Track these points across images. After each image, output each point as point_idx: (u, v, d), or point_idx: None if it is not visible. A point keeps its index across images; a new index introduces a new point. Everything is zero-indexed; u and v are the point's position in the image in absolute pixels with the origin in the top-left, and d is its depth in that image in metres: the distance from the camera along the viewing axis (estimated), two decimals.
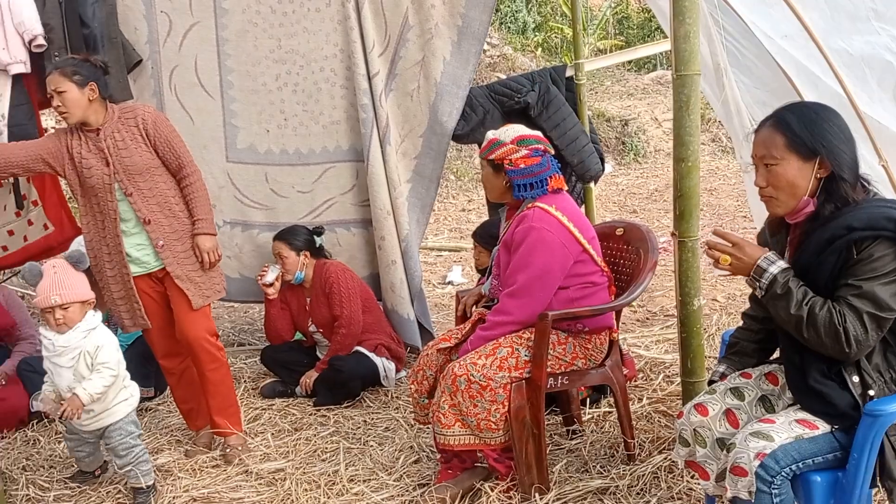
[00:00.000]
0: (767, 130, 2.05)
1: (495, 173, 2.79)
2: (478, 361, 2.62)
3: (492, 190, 2.87)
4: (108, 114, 3.11)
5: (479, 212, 9.26)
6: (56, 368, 2.90)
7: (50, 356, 2.90)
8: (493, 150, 2.77)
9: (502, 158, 2.74)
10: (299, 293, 4.14)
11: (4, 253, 4.52)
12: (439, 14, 3.95)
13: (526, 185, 2.73)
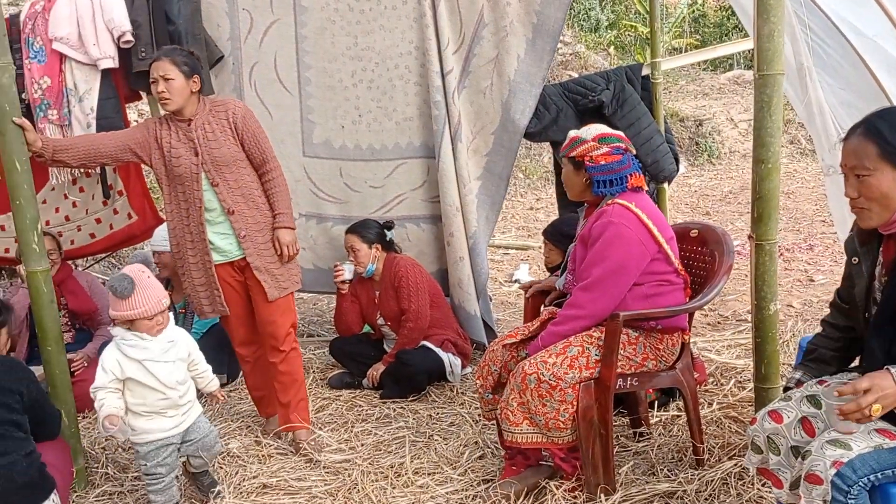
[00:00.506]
0: (858, 139, 1.96)
1: (576, 170, 2.80)
2: (548, 360, 2.62)
3: (572, 187, 2.86)
4: (200, 106, 3.22)
5: (548, 210, 9.22)
6: (160, 368, 2.78)
7: (150, 359, 2.77)
8: (574, 148, 2.78)
9: (583, 155, 2.74)
10: (369, 286, 4.20)
11: (92, 240, 4.72)
12: (514, 12, 3.95)
13: (605, 181, 2.73)
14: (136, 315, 2.73)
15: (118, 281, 2.72)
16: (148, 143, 3.21)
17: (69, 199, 4.62)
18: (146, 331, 2.76)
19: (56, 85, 4.10)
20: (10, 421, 2.61)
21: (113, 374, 2.74)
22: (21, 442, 2.63)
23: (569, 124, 4.12)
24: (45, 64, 4.09)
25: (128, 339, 2.76)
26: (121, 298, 2.71)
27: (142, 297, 2.72)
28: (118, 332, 2.79)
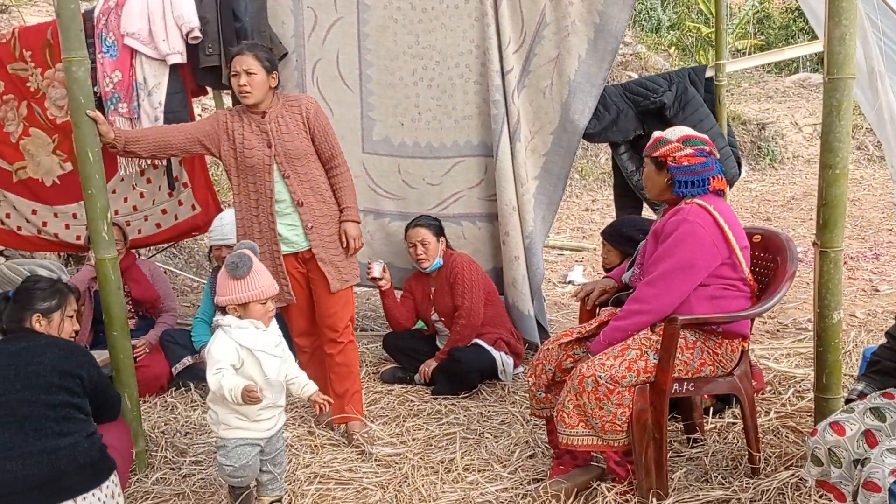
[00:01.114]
0: None
1: (657, 170, 2.79)
2: (606, 362, 2.61)
3: (653, 187, 2.85)
4: (275, 100, 3.32)
5: (603, 212, 9.14)
6: (271, 361, 2.68)
7: (263, 349, 2.67)
8: (657, 148, 2.77)
9: (666, 156, 2.74)
10: (424, 282, 4.23)
11: (157, 230, 4.86)
12: (577, 11, 3.93)
13: (687, 182, 2.72)
14: (251, 297, 2.62)
15: (240, 258, 2.61)
16: (217, 134, 3.30)
17: (137, 190, 4.77)
18: (259, 317, 2.67)
19: (126, 79, 4.23)
20: (71, 404, 2.70)
21: (229, 359, 2.62)
22: (83, 424, 2.72)
23: (629, 125, 4.10)
24: (116, 58, 4.22)
25: (243, 326, 2.65)
26: (237, 279, 2.62)
27: (257, 278, 2.64)
28: (230, 320, 2.67)
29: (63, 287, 2.99)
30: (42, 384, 2.64)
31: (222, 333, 2.66)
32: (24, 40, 4.48)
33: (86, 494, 2.61)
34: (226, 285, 2.64)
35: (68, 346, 2.82)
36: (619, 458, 2.75)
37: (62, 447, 2.60)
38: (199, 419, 3.88)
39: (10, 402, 2.60)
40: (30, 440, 2.58)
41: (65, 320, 2.93)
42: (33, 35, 4.48)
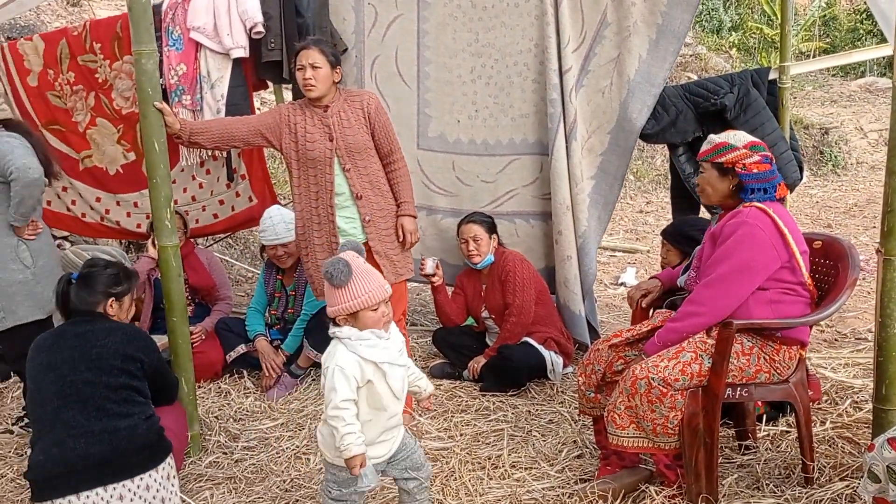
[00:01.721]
0: None
1: (721, 176, 2.74)
2: (659, 364, 2.59)
3: (714, 193, 2.79)
4: (337, 94, 3.38)
5: (658, 214, 9.03)
6: (396, 373, 2.41)
7: (389, 360, 2.39)
8: (722, 154, 2.72)
9: (734, 162, 2.69)
10: (476, 279, 4.24)
11: (215, 220, 4.97)
12: (639, 11, 3.90)
13: (757, 189, 2.68)
14: (358, 305, 2.34)
15: (333, 266, 2.33)
16: (279, 127, 3.37)
17: (196, 181, 4.88)
18: (373, 325, 2.38)
19: (191, 72, 4.33)
20: (131, 386, 2.78)
21: (355, 379, 2.33)
22: (142, 406, 2.81)
23: (688, 127, 4.05)
24: (182, 52, 4.32)
25: (365, 338, 2.35)
26: (338, 287, 2.34)
27: (362, 283, 2.35)
28: (348, 331, 2.37)
29: (132, 272, 3.09)
30: (105, 366, 2.74)
31: (343, 349, 2.37)
32: (94, 33, 4.62)
33: (142, 475, 2.69)
34: (330, 294, 2.39)
35: (131, 330, 2.91)
36: (669, 461, 2.73)
37: (122, 428, 2.69)
38: (252, 406, 3.97)
39: (76, 382, 2.70)
40: (92, 420, 2.68)
41: (133, 304, 3.04)
42: (104, 28, 4.63)
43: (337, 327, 2.40)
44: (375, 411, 2.39)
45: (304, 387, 4.17)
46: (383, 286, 2.39)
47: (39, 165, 3.36)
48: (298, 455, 3.38)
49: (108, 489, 2.64)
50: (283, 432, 3.61)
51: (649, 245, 7.66)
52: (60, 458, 2.63)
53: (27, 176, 3.28)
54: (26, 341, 3.41)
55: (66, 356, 2.75)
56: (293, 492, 3.06)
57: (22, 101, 4.87)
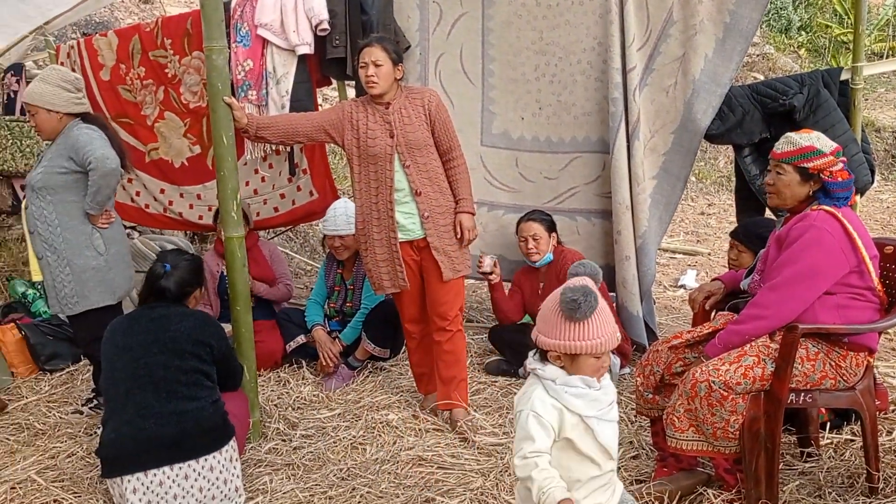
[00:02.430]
0: None
1: (803, 181, 2.66)
2: (720, 368, 2.55)
3: (791, 196, 2.70)
4: (399, 92, 3.41)
5: (720, 216, 8.88)
6: (606, 428, 2.03)
7: (598, 416, 2.01)
8: (809, 159, 2.63)
9: (821, 169, 2.61)
10: (533, 277, 4.24)
11: (275, 213, 5.06)
12: (706, 10, 3.84)
13: (840, 197, 2.63)
14: (586, 348, 1.96)
15: (583, 295, 1.92)
16: (341, 124, 3.42)
17: (258, 174, 4.98)
18: (591, 373, 2.01)
19: (257, 68, 4.43)
20: (200, 370, 2.88)
21: (553, 430, 1.97)
22: (209, 390, 2.91)
23: (754, 128, 3.96)
24: (249, 48, 4.43)
25: (572, 385, 1.99)
26: (573, 319, 1.95)
27: (599, 323, 1.96)
28: (553, 372, 2.01)
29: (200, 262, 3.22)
30: (177, 350, 2.84)
31: (542, 393, 2.01)
32: (166, 29, 4.76)
33: (207, 456, 2.78)
34: (555, 325, 1.98)
35: (203, 316, 3.01)
36: (728, 465, 2.70)
37: (189, 410, 2.79)
38: (310, 395, 4.04)
39: (149, 364, 2.81)
40: (162, 401, 2.78)
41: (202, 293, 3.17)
42: (174, 24, 4.76)
43: (540, 363, 2.04)
44: (572, 461, 2.01)
45: (361, 378, 4.23)
46: (616, 333, 2.00)
47: (116, 156, 3.48)
48: (355, 445, 3.43)
49: (174, 468, 2.74)
50: (340, 422, 3.67)
51: (710, 248, 7.53)
52: (130, 437, 2.74)
53: (105, 166, 3.40)
54: (96, 326, 3.56)
55: (141, 339, 2.86)
56: (349, 480, 3.11)
57: (94, 95, 5.04)
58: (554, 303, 1.99)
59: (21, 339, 4.61)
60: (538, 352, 2.05)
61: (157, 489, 2.74)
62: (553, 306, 1.99)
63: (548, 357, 2.02)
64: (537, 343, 2.03)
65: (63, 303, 3.60)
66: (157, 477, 2.73)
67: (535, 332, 2.04)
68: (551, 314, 1.99)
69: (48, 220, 3.54)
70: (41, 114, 3.55)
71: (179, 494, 2.75)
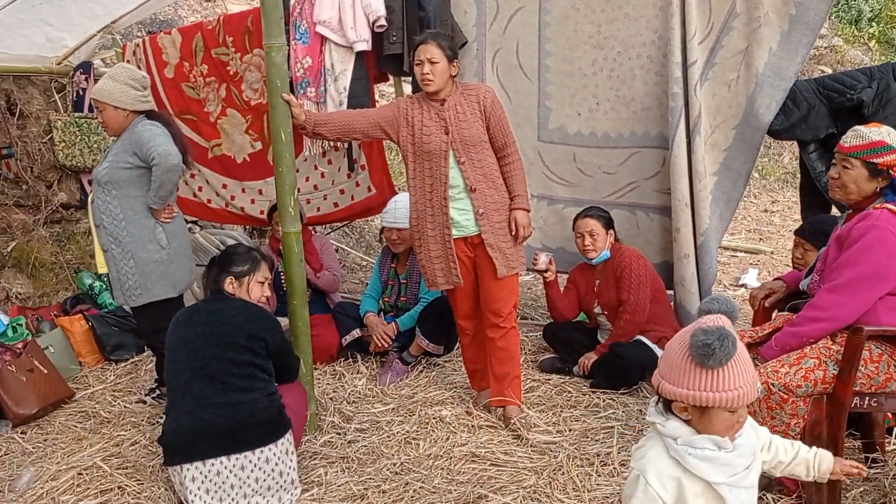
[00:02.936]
0: None
1: (871, 177, 2.59)
2: (780, 370, 2.49)
3: (857, 192, 2.63)
4: (454, 88, 3.41)
5: (784, 214, 8.66)
6: (735, 494, 1.72)
7: (730, 482, 1.71)
8: (879, 154, 2.56)
9: (890, 165, 2.55)
10: (589, 274, 4.20)
11: (335, 209, 5.13)
12: (771, 2, 3.73)
13: None
14: (720, 400, 1.66)
15: (719, 338, 1.63)
16: (397, 121, 3.43)
17: (318, 170, 5.05)
18: (721, 431, 1.70)
19: (316, 65, 4.47)
20: (255, 364, 2.93)
21: (661, 499, 1.70)
22: (265, 383, 2.95)
23: (820, 123, 3.85)
24: (308, 45, 4.48)
25: (699, 447, 1.70)
26: (706, 366, 1.66)
27: (737, 372, 1.67)
28: (677, 429, 1.73)
29: (257, 255, 3.24)
30: (231, 343, 2.89)
31: (660, 452, 1.75)
32: (227, 27, 4.85)
33: (263, 448, 2.83)
34: (683, 371, 1.69)
35: (258, 310, 3.06)
36: None
37: (244, 402, 2.84)
38: (364, 389, 4.08)
39: (205, 356, 2.87)
40: (218, 392, 2.84)
41: (254, 285, 3.18)
42: (236, 22, 4.85)
43: (661, 415, 1.77)
44: None
45: (415, 374, 4.25)
46: (756, 383, 1.70)
47: (178, 153, 3.56)
48: (409, 440, 3.45)
49: (230, 458, 2.79)
50: (394, 417, 3.70)
51: (773, 246, 7.35)
52: (190, 427, 2.81)
53: (168, 161, 3.49)
54: (158, 317, 3.66)
55: (199, 331, 2.92)
56: (403, 475, 3.13)
57: (158, 92, 5.17)
58: (682, 345, 1.69)
59: (88, 330, 4.77)
60: (660, 400, 1.76)
61: (215, 478, 2.80)
62: (681, 349, 1.69)
63: (672, 408, 1.73)
64: (659, 390, 1.74)
65: (127, 295, 3.70)
66: (215, 467, 2.79)
67: (656, 377, 1.76)
68: (679, 358, 1.69)
69: (113, 213, 3.64)
70: (108, 110, 3.65)
71: (236, 485, 2.81)
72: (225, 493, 2.81)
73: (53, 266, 5.56)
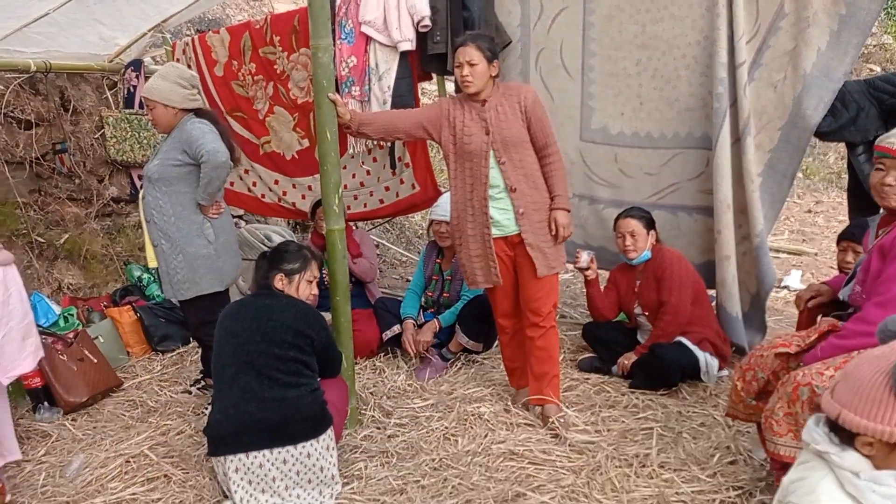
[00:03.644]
0: None
1: None
2: (825, 372, 2.45)
3: None
4: (495, 89, 3.42)
5: (828, 215, 8.52)
6: None
7: None
8: None
9: None
10: (630, 274, 4.19)
11: (381, 205, 5.19)
12: (820, 1, 3.67)
13: None
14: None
15: None
16: (439, 121, 3.46)
17: (364, 167, 5.11)
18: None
19: (360, 64, 4.53)
20: (299, 360, 2.98)
21: None
22: (308, 379, 3.01)
23: (869, 125, 3.79)
24: (353, 45, 4.53)
25: (883, 483, 1.55)
26: None
27: None
28: (857, 463, 1.58)
29: (308, 253, 3.30)
30: (277, 340, 2.95)
31: (833, 488, 1.59)
32: (274, 26, 4.93)
33: (305, 443, 2.89)
34: (878, 402, 1.53)
35: (304, 308, 3.11)
36: None
37: (289, 398, 2.89)
38: (404, 384, 4.13)
39: (251, 352, 2.93)
40: (264, 387, 2.90)
41: (303, 283, 3.24)
42: (282, 22, 4.93)
43: (838, 447, 1.60)
44: None
45: (454, 370, 4.29)
46: None
47: (227, 150, 3.64)
48: (447, 436, 3.49)
49: (273, 452, 2.85)
50: (433, 412, 3.74)
51: (817, 247, 7.23)
52: (235, 419, 2.87)
53: (216, 159, 3.57)
54: (206, 311, 3.74)
55: (246, 326, 2.99)
56: (442, 471, 3.16)
57: (209, 89, 5.27)
58: (878, 372, 1.51)
59: (136, 321, 4.90)
60: (834, 429, 1.58)
61: (258, 470, 2.86)
62: (876, 377, 1.51)
63: (854, 442, 1.55)
64: (841, 420, 1.55)
65: (176, 288, 3.79)
66: (258, 459, 2.86)
67: (831, 404, 1.59)
68: (873, 388, 1.51)
69: (163, 209, 3.73)
70: (158, 108, 3.74)
71: (278, 477, 2.87)
72: (267, 484, 2.87)
73: (104, 258, 5.70)
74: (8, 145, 5.42)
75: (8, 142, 5.42)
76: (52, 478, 3.37)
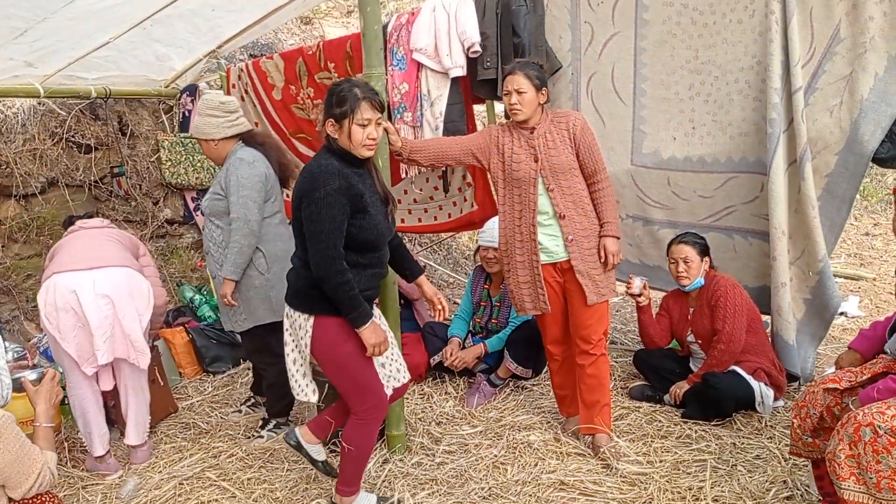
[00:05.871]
0: None
1: None
2: (886, 412, 2.37)
3: None
4: (543, 116, 3.42)
5: (887, 238, 8.27)
6: None
7: None
8: None
9: None
10: (683, 301, 4.13)
11: (449, 219, 5.25)
12: (878, 26, 3.60)
13: None
14: None
15: None
16: (488, 148, 3.48)
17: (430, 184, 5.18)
18: None
19: (412, 90, 4.57)
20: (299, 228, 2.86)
21: None
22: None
23: None
24: (404, 71, 4.58)
25: None
26: None
27: None
28: None
29: (358, 92, 3.21)
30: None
31: None
32: (327, 52, 5.02)
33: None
34: None
35: (306, 170, 2.93)
36: None
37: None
38: (452, 411, 4.12)
39: None
40: None
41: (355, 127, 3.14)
42: (335, 48, 5.01)
43: None
44: None
45: (503, 396, 4.27)
46: None
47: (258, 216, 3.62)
48: (497, 464, 3.46)
49: None
50: (482, 440, 3.72)
51: (875, 272, 7.02)
52: None
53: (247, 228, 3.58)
54: (260, 340, 3.78)
55: None
56: (491, 500, 3.14)
57: (270, 113, 5.38)
58: None
59: (188, 342, 4.98)
60: None
61: None
62: None
63: None
64: None
65: (233, 320, 3.79)
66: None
67: None
68: None
69: (217, 241, 3.75)
70: (202, 144, 3.79)
71: None
72: None
73: None
74: (69, 169, 5.59)
75: (69, 165, 5.60)
76: (108, 499, 3.44)
